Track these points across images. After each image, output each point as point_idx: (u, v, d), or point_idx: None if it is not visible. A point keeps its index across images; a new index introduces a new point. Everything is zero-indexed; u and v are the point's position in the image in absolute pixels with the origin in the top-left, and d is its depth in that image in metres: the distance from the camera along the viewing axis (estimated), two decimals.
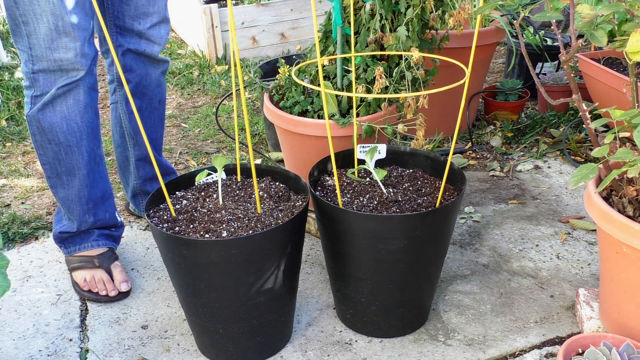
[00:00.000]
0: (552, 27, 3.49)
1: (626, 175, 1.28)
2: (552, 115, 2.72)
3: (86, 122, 1.63)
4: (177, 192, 1.55)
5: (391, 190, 1.55)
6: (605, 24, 1.28)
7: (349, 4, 1.78)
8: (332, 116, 1.83)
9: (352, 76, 1.66)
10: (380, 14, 1.75)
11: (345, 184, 1.59)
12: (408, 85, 1.77)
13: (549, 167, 2.39)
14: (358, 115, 1.83)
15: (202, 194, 1.54)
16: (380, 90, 1.68)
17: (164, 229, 1.38)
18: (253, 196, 1.51)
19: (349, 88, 1.87)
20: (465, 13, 1.72)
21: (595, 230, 1.96)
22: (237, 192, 1.55)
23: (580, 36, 3.50)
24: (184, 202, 1.51)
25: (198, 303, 1.41)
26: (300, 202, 1.49)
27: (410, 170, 1.66)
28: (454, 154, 1.75)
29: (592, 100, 2.48)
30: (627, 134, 1.35)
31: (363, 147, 1.61)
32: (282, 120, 1.89)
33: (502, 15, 2.52)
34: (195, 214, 1.45)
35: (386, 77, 1.74)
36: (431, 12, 1.77)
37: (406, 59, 1.76)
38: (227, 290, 1.37)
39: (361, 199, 1.51)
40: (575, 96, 1.36)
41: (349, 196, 1.53)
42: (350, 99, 1.88)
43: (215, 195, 1.52)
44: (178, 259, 1.35)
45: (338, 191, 1.47)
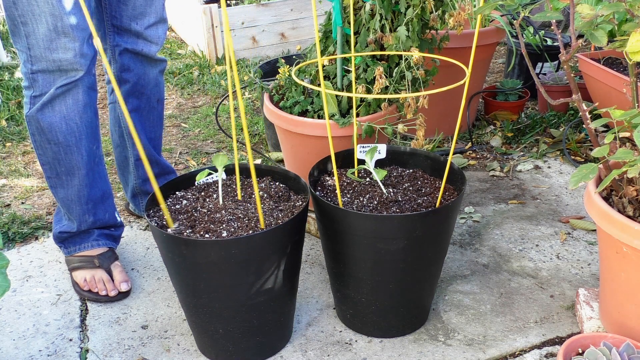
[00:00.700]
0: (552, 27, 3.49)
1: (626, 175, 1.28)
2: (552, 115, 2.72)
3: (85, 122, 1.63)
4: (177, 192, 1.55)
5: (391, 190, 1.54)
6: (605, 24, 1.28)
7: (349, 4, 1.78)
8: (332, 116, 1.83)
9: (352, 76, 1.66)
10: (380, 14, 1.74)
11: (345, 184, 1.59)
12: (408, 85, 1.77)
13: (549, 167, 2.39)
14: (358, 115, 1.83)
15: (202, 194, 1.54)
16: (380, 90, 1.67)
17: (164, 229, 1.38)
18: (253, 196, 1.51)
19: (349, 88, 1.87)
20: (465, 13, 1.72)
21: (595, 230, 1.96)
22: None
23: (580, 36, 3.50)
24: (184, 202, 1.51)
25: (198, 303, 1.41)
26: (300, 202, 1.49)
27: (410, 170, 1.66)
28: (454, 154, 1.75)
29: (592, 100, 2.48)
30: (627, 134, 1.35)
31: (363, 147, 1.60)
32: (282, 120, 1.89)
33: (502, 15, 2.52)
34: (195, 214, 1.45)
35: (386, 77, 1.74)
36: (431, 12, 1.77)
37: (406, 59, 1.76)
38: (227, 290, 1.37)
39: (361, 199, 1.51)
40: (575, 96, 1.36)
41: (349, 196, 1.53)
42: (350, 99, 1.87)
43: (215, 195, 1.52)
44: (178, 259, 1.35)
45: (338, 191, 1.47)
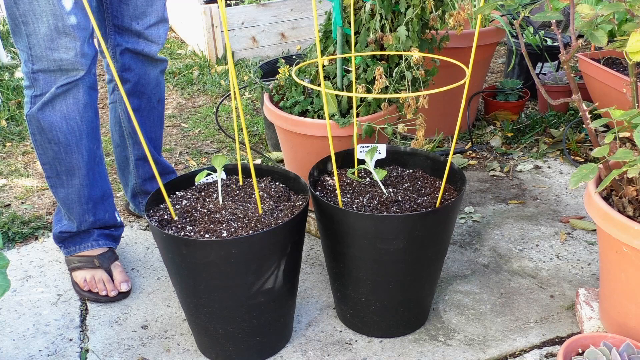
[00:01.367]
0: (552, 27, 3.49)
1: (626, 175, 1.28)
2: (552, 115, 2.72)
3: (86, 122, 1.63)
4: (177, 192, 1.55)
5: (391, 190, 1.54)
6: (605, 24, 1.28)
7: (349, 4, 1.78)
8: (332, 116, 1.83)
9: (352, 76, 1.66)
10: (380, 14, 1.74)
11: (345, 184, 1.59)
12: (408, 85, 1.77)
13: (549, 167, 2.39)
14: (358, 115, 1.83)
15: (202, 194, 1.54)
16: (380, 90, 1.67)
17: (164, 229, 1.38)
18: (253, 196, 1.51)
19: (349, 88, 1.87)
20: (465, 13, 1.72)
21: (595, 230, 1.96)
22: (237, 192, 1.55)
23: (580, 36, 3.50)
24: (184, 202, 1.51)
25: (198, 303, 1.41)
26: (300, 202, 1.49)
27: (410, 170, 1.66)
28: (454, 154, 1.75)
29: (592, 100, 2.48)
30: (627, 134, 1.35)
31: (363, 147, 1.60)
32: (282, 120, 1.89)
33: (502, 15, 2.52)
34: (195, 214, 1.45)
35: (386, 77, 1.74)
36: (431, 12, 1.77)
37: (406, 59, 1.76)
38: (227, 290, 1.37)
39: (361, 199, 1.51)
40: (575, 96, 1.36)
41: (349, 196, 1.53)
42: (350, 99, 1.88)
43: (215, 196, 1.52)
44: (178, 259, 1.35)
45: (338, 191, 1.47)
